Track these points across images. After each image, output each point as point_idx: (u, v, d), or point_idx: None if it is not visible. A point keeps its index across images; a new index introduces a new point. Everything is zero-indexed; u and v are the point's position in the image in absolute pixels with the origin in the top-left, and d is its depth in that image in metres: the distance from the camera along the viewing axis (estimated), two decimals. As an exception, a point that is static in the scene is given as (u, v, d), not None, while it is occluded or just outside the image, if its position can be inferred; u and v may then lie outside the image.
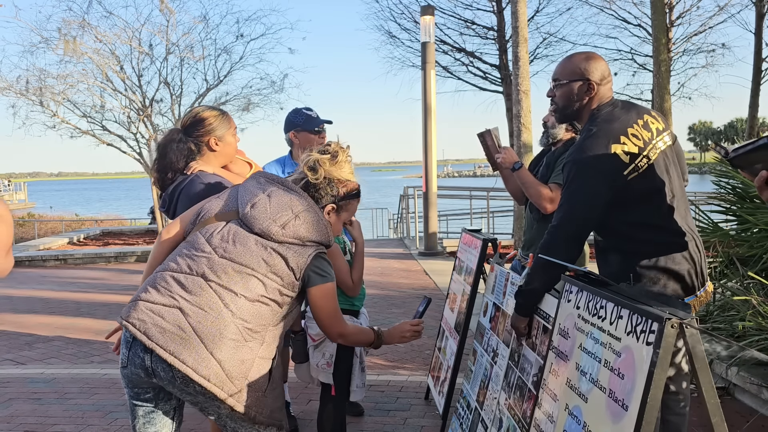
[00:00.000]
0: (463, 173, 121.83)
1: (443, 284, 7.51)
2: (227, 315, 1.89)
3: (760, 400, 3.39)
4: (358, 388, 2.79)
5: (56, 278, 9.46)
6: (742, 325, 3.62)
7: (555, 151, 3.28)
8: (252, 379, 1.92)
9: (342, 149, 2.19)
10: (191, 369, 1.83)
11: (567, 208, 2.25)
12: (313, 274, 2.01)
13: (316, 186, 2.13)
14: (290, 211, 2.01)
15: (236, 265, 1.95)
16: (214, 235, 2.01)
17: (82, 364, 4.92)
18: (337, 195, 2.16)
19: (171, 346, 1.84)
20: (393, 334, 2.32)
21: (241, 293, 1.92)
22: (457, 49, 16.88)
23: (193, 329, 1.86)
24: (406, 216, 13.82)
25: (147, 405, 2.00)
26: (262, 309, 1.94)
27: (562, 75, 2.36)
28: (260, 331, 1.94)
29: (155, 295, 1.93)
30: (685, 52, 17.81)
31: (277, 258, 1.97)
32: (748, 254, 4.38)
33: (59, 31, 15.43)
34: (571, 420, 1.82)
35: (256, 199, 2.04)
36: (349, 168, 2.21)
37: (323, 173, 2.13)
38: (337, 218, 2.19)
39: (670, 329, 1.46)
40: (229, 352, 1.87)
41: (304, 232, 2.01)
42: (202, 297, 1.90)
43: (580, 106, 2.36)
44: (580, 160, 2.23)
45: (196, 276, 1.94)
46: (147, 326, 1.87)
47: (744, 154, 1.34)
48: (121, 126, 16.65)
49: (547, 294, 2.30)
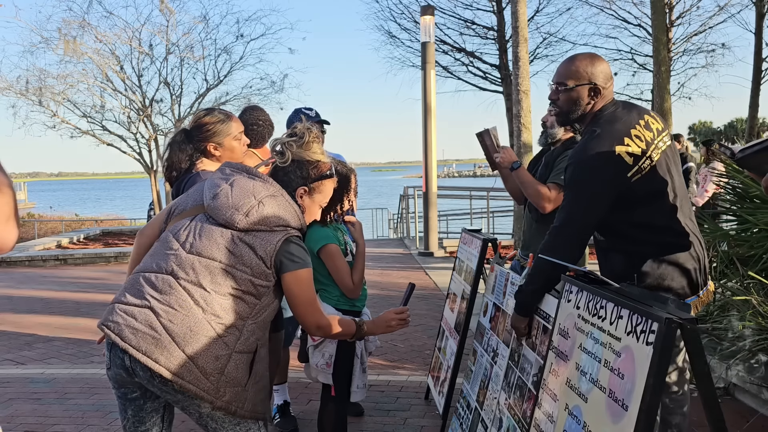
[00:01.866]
0: (463, 173, 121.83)
1: (443, 284, 7.51)
2: (198, 312, 1.87)
3: (760, 400, 3.39)
4: (359, 388, 2.79)
5: (56, 278, 9.45)
6: (742, 325, 3.62)
7: (554, 151, 3.28)
8: (230, 375, 1.89)
9: (309, 130, 2.12)
10: (164, 368, 1.83)
11: (570, 209, 2.24)
12: (285, 260, 1.95)
13: (285, 170, 2.09)
14: (253, 198, 1.96)
15: (203, 259, 1.92)
16: (181, 231, 1.99)
17: (82, 364, 4.92)
18: (307, 177, 2.10)
19: (144, 346, 1.84)
20: (378, 324, 2.25)
21: (210, 288, 1.89)
22: (457, 49, 16.88)
23: (164, 328, 1.85)
24: (406, 216, 13.82)
25: (135, 404, 2.00)
26: (236, 303, 1.91)
27: (567, 78, 2.32)
28: (236, 325, 1.90)
29: (128, 296, 1.94)
30: (685, 52, 17.81)
31: (244, 248, 1.92)
32: (748, 254, 4.38)
33: (59, 31, 15.45)
34: (571, 420, 1.82)
35: (218, 189, 2.00)
36: (318, 148, 2.14)
37: (290, 156, 2.08)
38: (311, 201, 2.13)
39: (670, 329, 1.46)
40: (201, 349, 1.85)
41: (269, 217, 1.95)
42: (172, 295, 1.89)
43: (584, 110, 2.34)
44: (583, 161, 2.22)
45: (165, 274, 1.93)
46: (121, 328, 1.88)
47: (751, 155, 1.34)
48: (121, 126, 16.67)
49: (547, 294, 2.30)
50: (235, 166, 2.09)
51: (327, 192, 2.19)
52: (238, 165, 2.09)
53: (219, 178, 2.05)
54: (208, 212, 1.99)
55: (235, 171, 2.06)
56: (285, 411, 3.51)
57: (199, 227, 1.97)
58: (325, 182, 2.15)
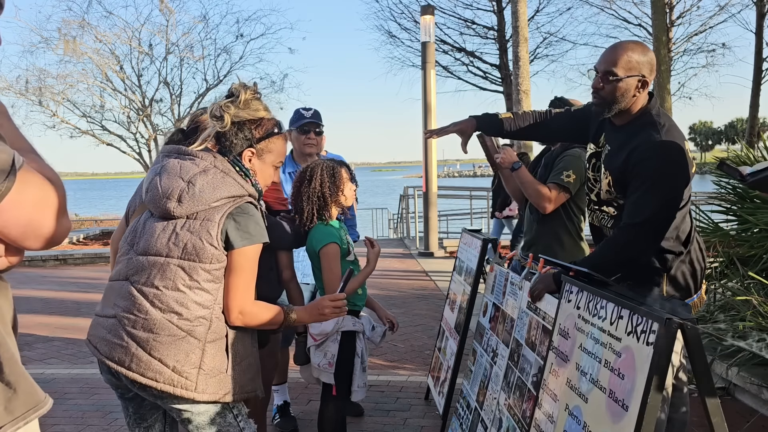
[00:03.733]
0: (463, 173, 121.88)
1: (443, 284, 7.51)
2: (155, 313, 1.83)
3: (760, 400, 3.39)
4: (360, 388, 2.79)
5: (56, 278, 9.45)
6: (742, 325, 3.62)
7: (553, 152, 3.28)
8: (207, 366, 1.85)
9: (245, 87, 1.96)
10: (137, 374, 1.82)
11: (652, 206, 2.12)
12: (232, 236, 1.84)
13: (226, 135, 1.94)
14: (181, 181, 1.84)
15: (150, 257, 1.85)
16: (129, 233, 1.95)
17: (82, 365, 4.92)
18: (252, 138, 1.95)
19: (116, 356, 1.85)
20: (309, 311, 2.08)
21: (162, 286, 1.83)
22: (457, 48, 16.90)
23: (129, 336, 1.84)
24: (406, 216, 13.82)
25: (134, 402, 2.01)
26: (195, 294, 1.84)
27: (617, 68, 2.19)
28: (202, 316, 1.84)
29: (102, 307, 1.96)
30: (685, 51, 17.84)
31: (188, 236, 1.83)
32: (749, 254, 4.38)
33: (59, 31, 15.46)
34: (571, 420, 1.82)
35: (149, 182, 1.91)
36: (260, 105, 1.98)
37: (229, 118, 1.92)
38: (261, 163, 1.99)
39: (670, 329, 1.46)
40: (168, 350, 1.82)
41: (203, 195, 1.83)
42: (130, 301, 1.86)
43: (628, 104, 2.24)
44: (666, 154, 2.12)
45: (123, 280, 1.91)
46: (97, 340, 1.91)
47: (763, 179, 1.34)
48: (120, 126, 16.67)
49: (548, 294, 2.29)
50: (167, 150, 1.96)
51: (279, 151, 2.02)
52: (170, 148, 1.96)
53: (152, 170, 1.94)
54: (149, 208, 1.93)
55: (166, 155, 1.94)
56: (285, 411, 3.51)
57: (142, 225, 1.92)
58: (273, 140, 1.99)
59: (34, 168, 1.15)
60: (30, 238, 1.15)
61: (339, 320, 2.59)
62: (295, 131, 3.35)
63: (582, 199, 3.21)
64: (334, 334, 2.63)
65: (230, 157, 1.94)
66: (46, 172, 1.17)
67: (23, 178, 1.09)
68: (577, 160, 3.10)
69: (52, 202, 1.15)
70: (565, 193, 3.09)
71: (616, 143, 2.30)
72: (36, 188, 1.12)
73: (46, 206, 1.14)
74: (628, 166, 2.19)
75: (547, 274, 2.32)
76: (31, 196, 1.11)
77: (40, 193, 1.13)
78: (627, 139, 2.24)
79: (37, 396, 1.15)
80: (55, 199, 1.16)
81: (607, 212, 2.39)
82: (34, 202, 1.12)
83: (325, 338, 2.67)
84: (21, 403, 1.12)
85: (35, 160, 1.19)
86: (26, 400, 1.13)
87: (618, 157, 2.26)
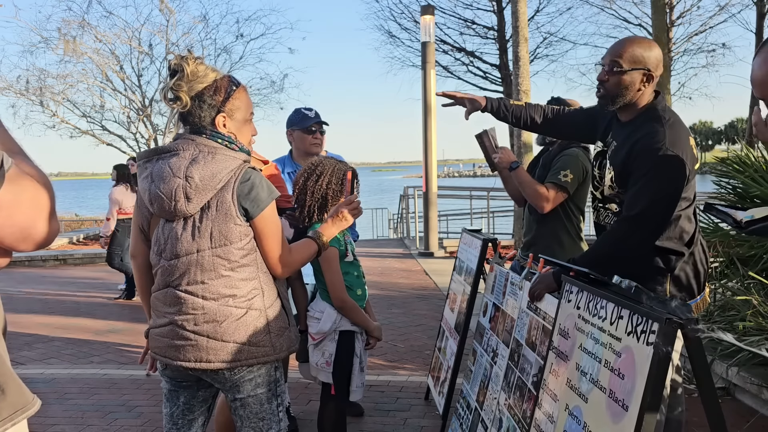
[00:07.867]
0: (463, 173, 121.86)
1: (443, 284, 7.50)
2: (211, 305, 1.90)
3: (760, 400, 3.38)
4: (358, 387, 2.79)
5: (56, 278, 9.45)
6: (742, 325, 3.62)
7: (551, 152, 3.28)
8: (274, 328, 1.98)
9: (183, 58, 1.89)
10: (220, 363, 1.91)
11: (648, 198, 2.11)
12: (248, 206, 1.88)
13: (190, 112, 1.90)
14: (178, 179, 1.84)
15: (182, 258, 1.89)
16: (154, 245, 1.98)
17: (82, 364, 4.92)
18: (216, 103, 1.91)
19: (191, 356, 1.91)
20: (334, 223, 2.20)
21: (206, 279, 1.89)
22: (457, 48, 16.90)
23: (194, 333, 1.91)
24: (406, 216, 13.81)
25: (188, 391, 2.06)
26: (239, 272, 1.91)
27: (623, 60, 2.20)
28: (253, 288, 1.93)
29: (155, 319, 2.01)
30: (685, 51, 17.84)
31: (209, 225, 1.86)
32: (749, 254, 4.38)
33: (59, 31, 15.47)
34: (571, 420, 1.82)
35: (149, 194, 1.90)
36: (207, 69, 1.92)
37: (186, 95, 1.88)
38: (236, 122, 1.96)
39: (670, 329, 1.46)
40: (237, 330, 1.91)
41: (205, 182, 1.83)
42: (180, 304, 1.92)
43: (632, 97, 2.24)
44: (667, 147, 2.11)
45: (164, 288, 1.95)
46: (163, 350, 1.96)
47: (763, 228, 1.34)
48: (120, 126, 16.68)
49: (548, 294, 2.29)
50: (142, 155, 1.95)
51: (245, 103, 1.99)
52: (144, 153, 1.95)
53: (141, 180, 1.95)
54: (163, 217, 1.93)
55: (147, 163, 1.93)
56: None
57: (163, 233, 1.94)
58: (236, 95, 1.95)
59: (24, 169, 1.14)
60: (18, 240, 1.14)
61: (337, 319, 2.59)
62: (300, 131, 3.33)
63: (581, 199, 3.21)
64: (332, 333, 2.63)
65: (207, 133, 1.91)
66: (35, 174, 1.16)
67: (12, 180, 1.08)
68: (574, 159, 3.10)
69: (41, 203, 1.14)
70: (563, 192, 3.09)
71: (621, 138, 2.30)
72: (25, 190, 1.11)
73: (36, 208, 1.13)
74: (630, 158, 2.19)
75: (547, 273, 2.32)
76: (20, 197, 1.10)
77: (28, 194, 1.12)
78: (631, 132, 2.25)
79: (24, 397, 1.15)
80: (44, 201, 1.15)
81: (610, 209, 2.39)
82: (23, 204, 1.11)
83: (323, 337, 2.67)
84: (8, 404, 1.11)
85: (24, 161, 1.18)
86: (14, 401, 1.12)
87: (622, 150, 2.26)
